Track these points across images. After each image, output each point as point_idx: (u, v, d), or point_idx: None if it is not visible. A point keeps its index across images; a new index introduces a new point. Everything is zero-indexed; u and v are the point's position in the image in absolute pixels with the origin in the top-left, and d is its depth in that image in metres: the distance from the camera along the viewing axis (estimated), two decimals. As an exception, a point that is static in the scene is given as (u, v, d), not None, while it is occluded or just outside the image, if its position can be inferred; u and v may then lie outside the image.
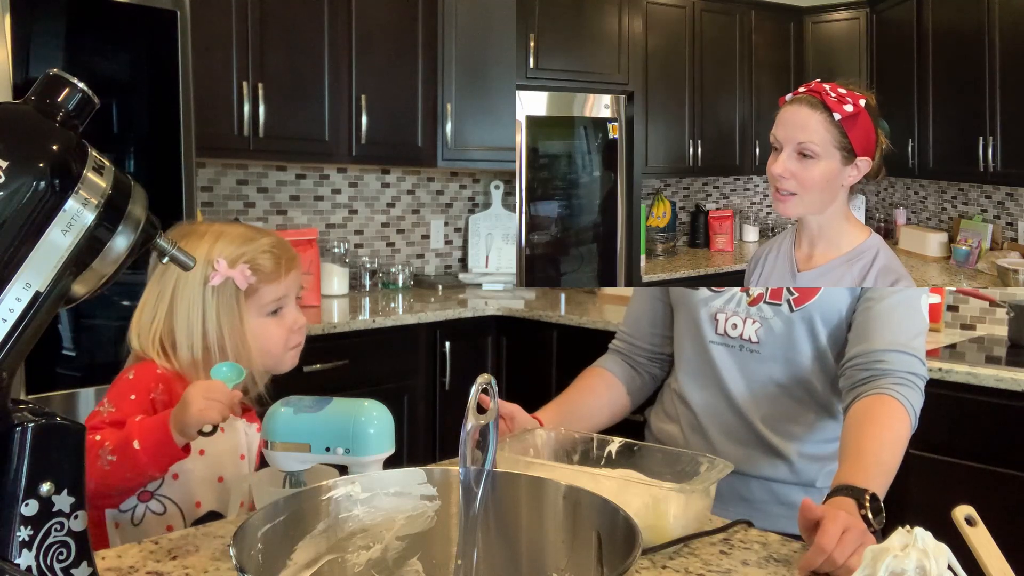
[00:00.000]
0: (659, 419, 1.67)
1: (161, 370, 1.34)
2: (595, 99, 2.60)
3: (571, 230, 2.60)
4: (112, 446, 1.18)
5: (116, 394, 1.30)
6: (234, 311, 1.35)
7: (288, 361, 1.44)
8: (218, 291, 1.34)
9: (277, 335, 1.40)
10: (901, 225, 2.81)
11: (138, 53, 2.51)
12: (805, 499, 1.14)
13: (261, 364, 1.39)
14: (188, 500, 1.33)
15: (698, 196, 3.16)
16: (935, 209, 2.75)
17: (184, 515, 1.33)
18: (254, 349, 1.37)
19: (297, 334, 1.43)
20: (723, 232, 3.08)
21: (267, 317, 1.39)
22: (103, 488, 1.19)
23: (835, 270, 1.42)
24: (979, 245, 2.48)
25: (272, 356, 1.41)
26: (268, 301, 1.39)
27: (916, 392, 1.37)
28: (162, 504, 1.32)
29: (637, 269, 2.67)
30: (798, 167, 1.36)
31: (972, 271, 2.50)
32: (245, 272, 1.35)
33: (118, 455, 1.17)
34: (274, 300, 1.40)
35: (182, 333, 1.34)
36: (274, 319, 1.40)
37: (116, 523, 1.31)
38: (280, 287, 1.40)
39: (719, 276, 2.84)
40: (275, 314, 1.41)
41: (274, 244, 1.41)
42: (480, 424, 0.94)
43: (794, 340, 1.49)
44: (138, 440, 1.18)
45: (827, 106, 1.34)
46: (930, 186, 2.75)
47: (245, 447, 1.40)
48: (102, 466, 1.17)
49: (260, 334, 1.38)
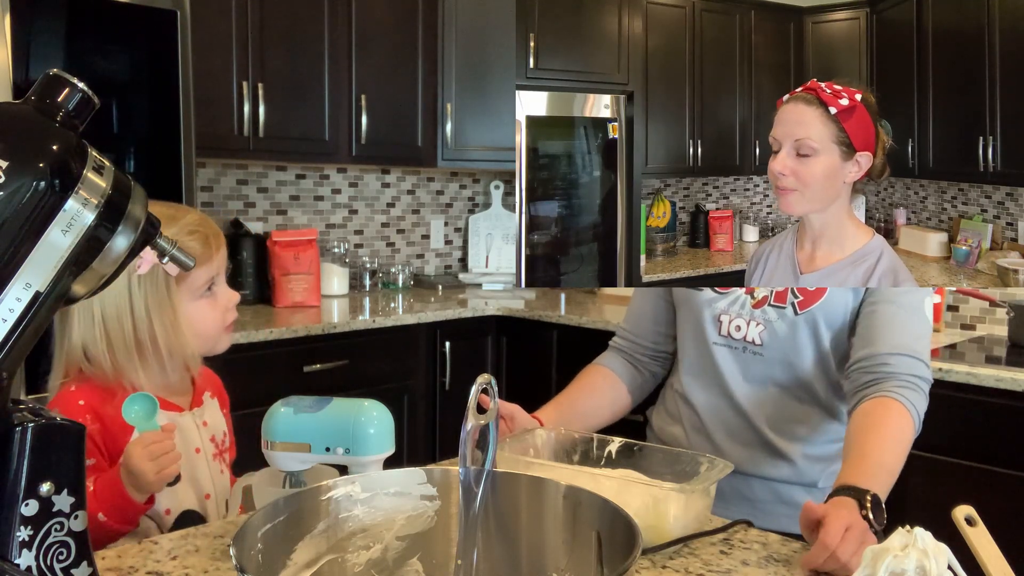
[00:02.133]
0: (661, 419, 1.67)
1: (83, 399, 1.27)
2: (595, 99, 2.60)
3: (571, 230, 2.60)
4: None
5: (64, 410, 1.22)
6: (165, 299, 1.29)
7: (223, 342, 1.38)
8: (145, 280, 1.27)
9: (212, 316, 1.34)
10: (901, 225, 2.81)
11: (138, 53, 2.51)
12: (807, 500, 1.14)
13: (197, 349, 1.33)
14: (156, 512, 1.30)
15: (698, 196, 3.16)
16: (935, 209, 2.75)
17: (159, 525, 1.31)
18: (189, 335, 1.31)
19: (232, 311, 1.37)
20: (723, 232, 3.08)
21: (200, 299, 1.33)
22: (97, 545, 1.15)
23: (839, 272, 1.42)
24: (979, 245, 2.48)
25: (208, 339, 1.35)
26: (201, 283, 1.32)
27: (920, 395, 1.37)
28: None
29: (637, 269, 2.66)
30: (797, 164, 1.36)
31: (972, 271, 2.50)
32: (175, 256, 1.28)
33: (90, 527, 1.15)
34: (206, 280, 1.33)
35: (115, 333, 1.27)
36: (207, 300, 1.34)
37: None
38: (212, 267, 1.33)
39: (719, 276, 2.83)
40: (207, 295, 1.34)
41: (199, 222, 1.33)
42: (480, 424, 0.94)
43: (797, 343, 1.49)
44: (101, 512, 1.16)
45: (822, 101, 1.34)
46: (930, 186, 2.75)
47: (199, 439, 1.36)
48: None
49: (195, 318, 1.32)
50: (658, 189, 2.99)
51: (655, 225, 2.95)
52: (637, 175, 2.64)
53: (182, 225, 1.29)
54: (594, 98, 2.60)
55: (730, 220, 3.10)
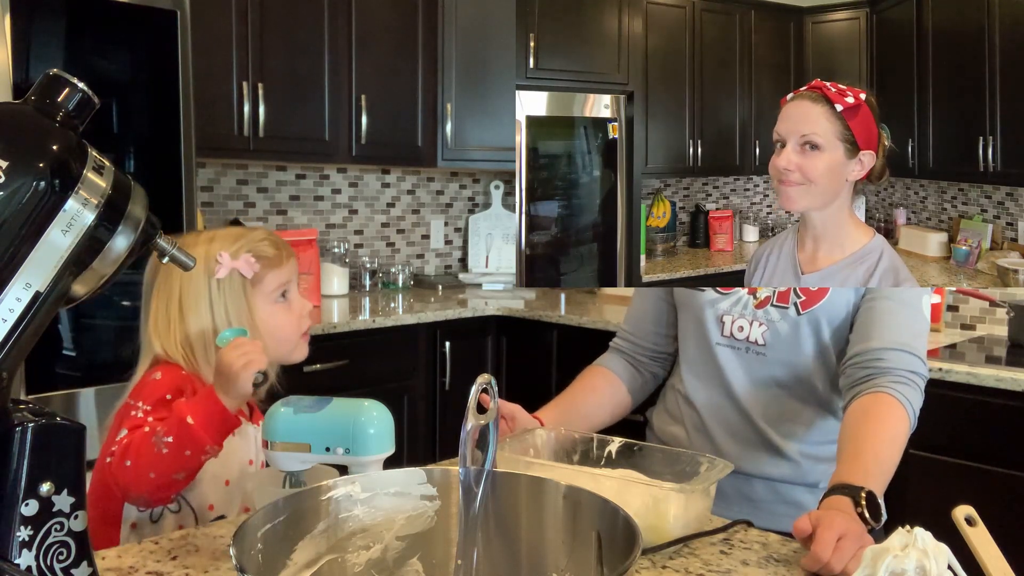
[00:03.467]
0: (662, 419, 1.67)
1: (186, 372, 1.35)
2: (595, 99, 2.60)
3: (571, 230, 2.60)
4: (165, 429, 1.18)
5: (148, 394, 1.30)
6: (242, 302, 1.36)
7: (300, 349, 1.44)
8: (224, 285, 1.35)
9: (288, 321, 1.41)
10: (901, 225, 2.81)
11: (138, 53, 2.51)
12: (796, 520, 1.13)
13: (274, 354, 1.38)
14: (202, 503, 1.33)
15: (698, 196, 3.16)
16: (935, 209, 2.75)
17: (196, 517, 1.33)
18: (266, 338, 1.36)
19: (307, 319, 1.44)
20: (723, 232, 3.08)
21: (275, 304, 1.40)
22: (164, 476, 1.18)
23: (840, 272, 1.42)
24: (979, 245, 2.48)
25: (286, 343, 1.41)
26: (274, 287, 1.40)
27: (916, 391, 1.37)
28: (178, 504, 1.32)
29: (637, 269, 2.66)
30: (803, 159, 1.37)
31: (972, 271, 2.50)
32: (249, 260, 1.36)
33: (174, 435, 1.17)
34: (279, 285, 1.40)
35: (195, 334, 1.34)
36: (282, 306, 1.41)
37: (133, 524, 1.31)
38: (283, 272, 1.41)
39: (719, 276, 2.83)
40: (282, 301, 1.41)
41: (268, 234, 1.43)
42: (480, 424, 0.94)
43: (799, 342, 1.49)
44: (191, 415, 1.18)
45: (828, 99, 1.35)
46: (930, 186, 2.75)
47: (254, 452, 1.41)
48: (159, 451, 1.17)
49: (271, 322, 1.39)
50: (658, 189, 2.99)
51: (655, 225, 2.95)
52: (637, 175, 2.64)
53: (254, 235, 1.40)
54: (594, 98, 2.60)
55: (730, 220, 3.10)
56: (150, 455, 1.17)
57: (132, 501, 1.25)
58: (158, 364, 1.36)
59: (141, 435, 1.20)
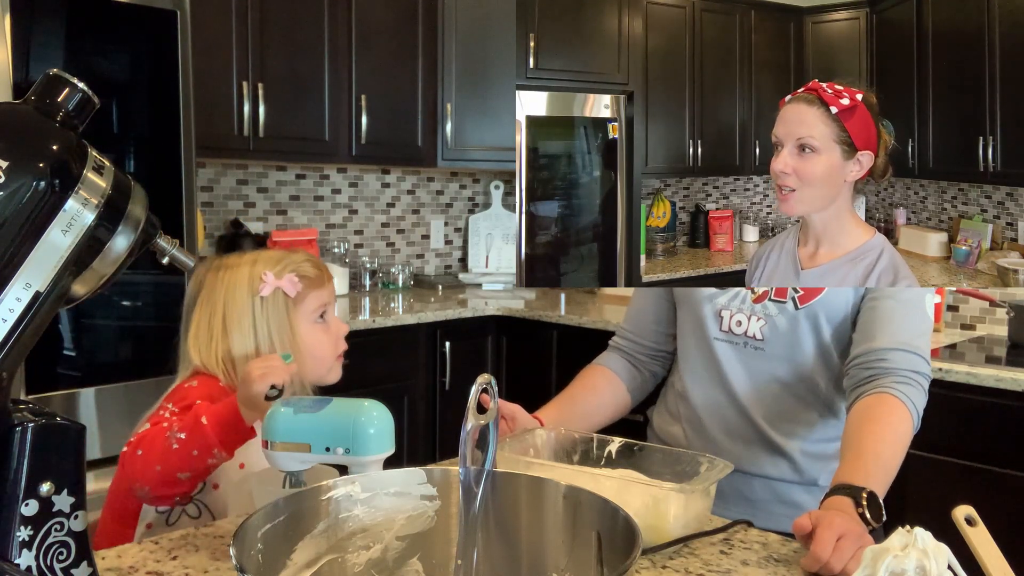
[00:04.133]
0: (662, 418, 1.67)
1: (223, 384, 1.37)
2: (595, 99, 2.60)
3: (571, 230, 2.60)
4: (180, 425, 1.20)
5: (180, 398, 1.32)
6: (285, 320, 1.39)
7: (335, 371, 1.48)
8: (268, 303, 1.38)
9: (326, 341, 1.45)
10: (901, 225, 2.81)
11: (138, 53, 2.51)
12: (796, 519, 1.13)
13: (311, 373, 1.43)
14: (224, 510, 1.34)
15: (698, 196, 3.16)
16: (935, 209, 2.75)
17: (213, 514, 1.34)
18: (306, 357, 1.40)
19: (343, 341, 1.48)
20: (723, 232, 3.08)
21: (315, 324, 1.43)
22: (168, 471, 1.19)
23: (839, 268, 1.42)
24: (979, 245, 2.48)
25: (324, 363, 1.44)
26: (314, 307, 1.43)
27: (919, 391, 1.36)
28: (198, 509, 1.32)
29: (637, 269, 2.66)
30: (799, 162, 1.37)
31: (972, 271, 2.50)
32: (293, 279, 1.39)
33: (187, 432, 1.19)
34: (320, 306, 1.44)
35: (238, 350, 1.37)
36: (321, 326, 1.45)
37: (148, 524, 1.31)
38: (324, 293, 1.45)
39: (719, 276, 2.83)
40: (320, 322, 1.44)
41: (309, 256, 1.47)
42: (480, 424, 0.93)
43: (798, 337, 1.49)
44: (206, 416, 1.20)
45: (824, 101, 1.35)
46: (930, 186, 2.75)
47: None
48: (169, 446, 1.18)
49: (311, 341, 1.42)
50: (658, 189, 2.99)
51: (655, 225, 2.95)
52: (637, 175, 2.64)
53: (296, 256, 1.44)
54: (594, 98, 2.60)
55: (730, 220, 3.10)
56: (161, 448, 1.19)
57: (137, 494, 1.26)
58: (196, 375, 1.39)
59: (158, 429, 1.23)
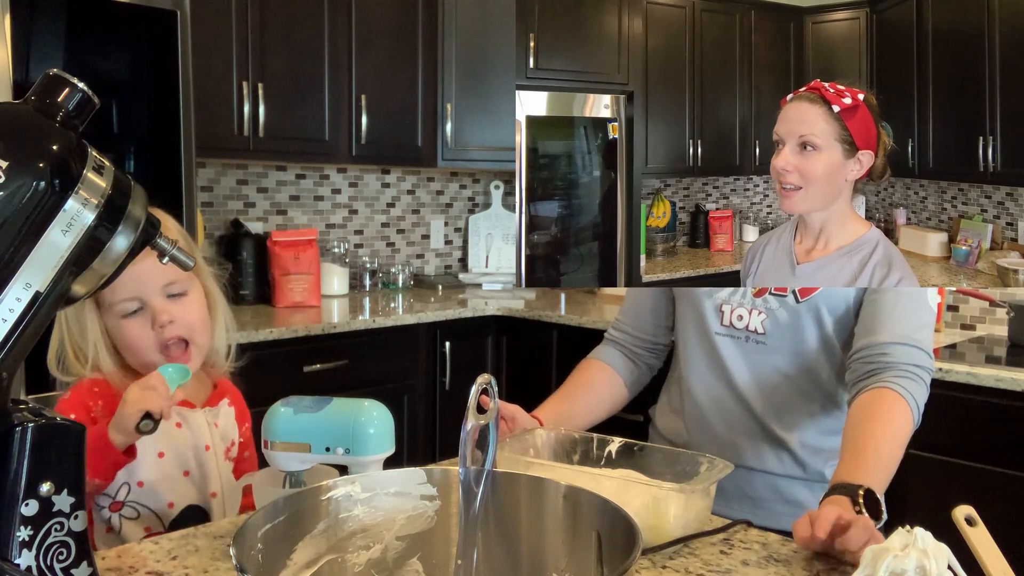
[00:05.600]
0: (664, 415, 1.67)
1: (97, 386, 1.30)
2: (595, 99, 2.60)
3: (571, 230, 2.60)
4: None
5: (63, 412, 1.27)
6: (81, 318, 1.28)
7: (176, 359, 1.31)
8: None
9: (140, 335, 1.28)
10: (901, 225, 2.81)
11: (138, 53, 2.51)
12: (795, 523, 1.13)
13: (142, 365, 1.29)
14: (159, 503, 1.31)
15: (698, 196, 3.17)
16: (935, 209, 2.75)
17: (160, 517, 1.32)
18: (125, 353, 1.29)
19: (168, 328, 1.28)
20: (723, 232, 3.08)
21: (128, 318, 1.28)
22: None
23: (835, 262, 1.42)
24: (979, 245, 2.48)
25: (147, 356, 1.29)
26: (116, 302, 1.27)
27: (919, 385, 1.36)
28: (135, 510, 1.30)
29: (637, 269, 2.67)
30: (800, 160, 1.37)
31: (972, 271, 2.50)
32: None
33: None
34: (123, 301, 1.27)
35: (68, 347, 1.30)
36: (136, 319, 1.28)
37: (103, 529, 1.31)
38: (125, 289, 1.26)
39: (719, 276, 2.84)
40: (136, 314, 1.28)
41: None
42: (480, 424, 0.94)
43: (800, 330, 1.49)
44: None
45: (826, 100, 1.35)
46: (930, 186, 2.75)
47: (209, 437, 1.37)
48: None
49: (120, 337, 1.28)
50: (658, 189, 2.99)
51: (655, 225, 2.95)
52: (637, 175, 2.64)
53: None
54: (594, 98, 2.60)
55: (730, 220, 3.10)
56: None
57: None
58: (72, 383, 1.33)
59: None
